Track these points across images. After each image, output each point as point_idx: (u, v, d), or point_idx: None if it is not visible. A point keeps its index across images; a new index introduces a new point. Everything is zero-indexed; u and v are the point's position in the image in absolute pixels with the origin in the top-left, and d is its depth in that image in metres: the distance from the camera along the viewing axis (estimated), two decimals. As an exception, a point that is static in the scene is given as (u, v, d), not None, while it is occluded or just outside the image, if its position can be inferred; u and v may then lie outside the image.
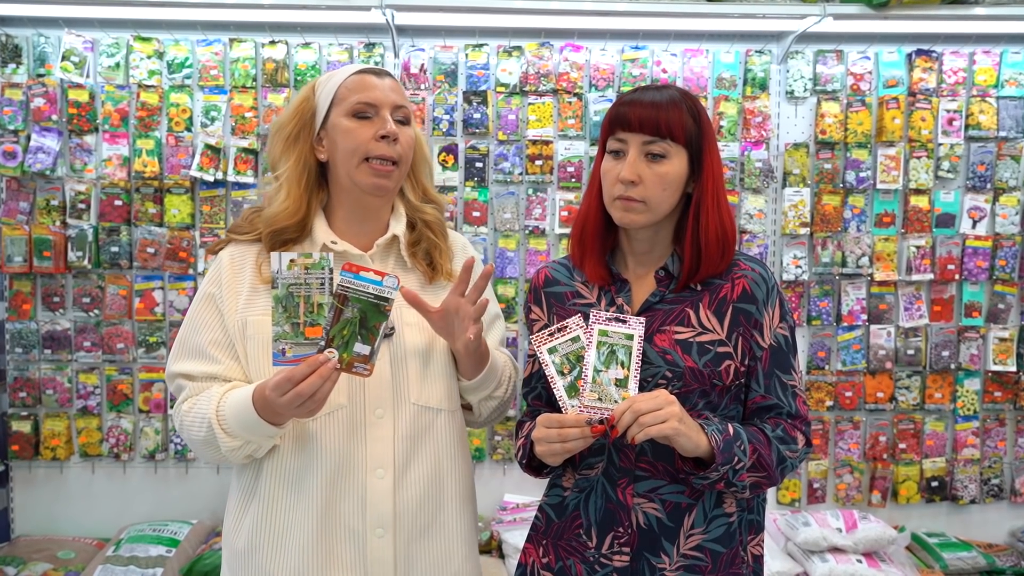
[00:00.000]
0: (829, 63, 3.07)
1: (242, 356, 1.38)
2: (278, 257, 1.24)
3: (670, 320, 1.33)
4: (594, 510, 1.35)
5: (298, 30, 2.96)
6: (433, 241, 1.47)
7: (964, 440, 3.17)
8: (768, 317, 1.34)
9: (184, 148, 2.96)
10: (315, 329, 1.23)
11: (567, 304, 1.42)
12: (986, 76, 3.09)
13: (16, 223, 2.93)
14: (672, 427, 1.18)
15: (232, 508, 1.43)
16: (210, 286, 1.41)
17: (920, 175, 3.09)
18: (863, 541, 2.85)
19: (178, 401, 1.41)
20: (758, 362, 1.34)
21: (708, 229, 1.32)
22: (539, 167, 3.03)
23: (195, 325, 1.41)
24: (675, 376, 1.29)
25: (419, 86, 3.02)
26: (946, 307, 3.15)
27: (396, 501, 1.36)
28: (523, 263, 3.07)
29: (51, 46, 2.95)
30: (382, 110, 1.37)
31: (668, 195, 1.32)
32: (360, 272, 1.23)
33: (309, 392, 1.18)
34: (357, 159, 1.36)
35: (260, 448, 1.34)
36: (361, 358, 1.23)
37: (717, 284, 1.35)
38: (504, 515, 3.00)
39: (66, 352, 2.99)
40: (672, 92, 1.33)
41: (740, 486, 1.28)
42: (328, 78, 1.42)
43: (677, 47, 3.05)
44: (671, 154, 1.30)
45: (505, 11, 2.80)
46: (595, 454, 1.36)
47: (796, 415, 1.36)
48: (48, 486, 3.07)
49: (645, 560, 1.32)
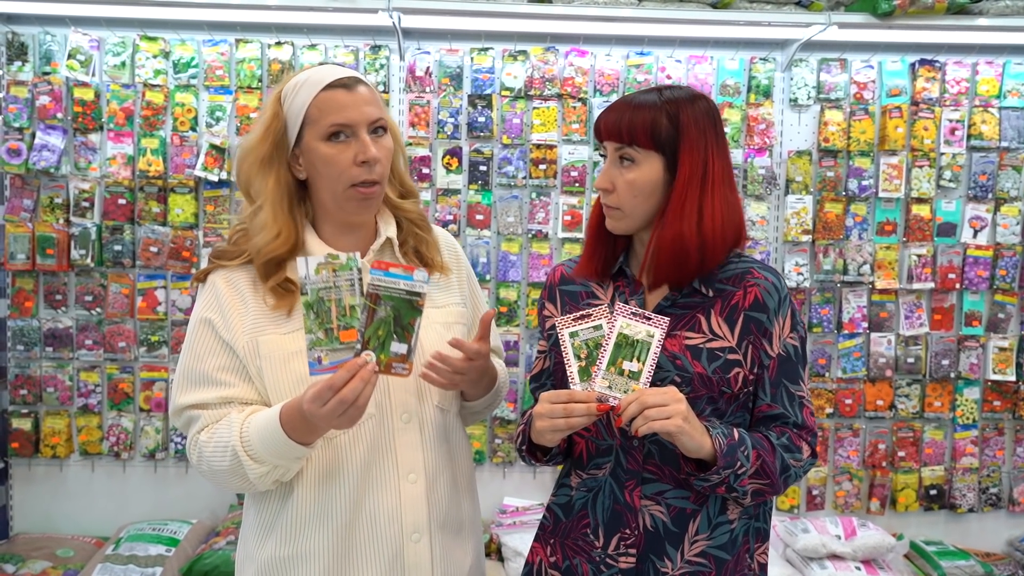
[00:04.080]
0: (833, 71, 3.09)
1: (256, 378, 1.33)
2: (304, 262, 1.19)
3: (681, 325, 1.33)
4: (602, 510, 1.35)
5: (304, 31, 2.97)
6: (420, 236, 1.46)
7: (963, 449, 3.18)
8: (778, 327, 1.33)
9: (189, 148, 2.97)
10: (349, 332, 1.19)
11: (581, 303, 1.42)
12: (988, 86, 3.10)
13: (20, 220, 2.93)
14: (676, 424, 1.18)
15: (254, 519, 1.39)
16: (207, 312, 1.35)
17: (922, 184, 3.10)
18: (862, 548, 2.85)
19: (192, 432, 1.34)
20: (765, 371, 1.33)
21: (663, 236, 1.29)
22: (543, 171, 3.03)
23: (197, 354, 1.34)
24: (684, 381, 1.29)
25: (424, 89, 3.02)
26: (946, 316, 3.16)
27: (430, 504, 1.37)
28: (526, 267, 3.08)
29: (57, 44, 2.95)
30: (359, 130, 1.31)
31: (641, 201, 1.31)
32: (390, 269, 1.19)
33: (352, 398, 1.14)
34: (341, 186, 1.32)
35: (288, 471, 1.30)
36: (399, 357, 1.19)
37: (730, 291, 1.34)
38: (504, 518, 3.00)
39: (67, 350, 2.99)
40: (651, 96, 1.31)
41: (741, 492, 1.27)
42: (294, 90, 1.33)
43: (682, 53, 3.06)
44: (639, 160, 1.30)
45: (511, 15, 2.81)
46: (603, 455, 1.36)
47: (802, 426, 1.34)
48: (48, 484, 3.07)
49: (650, 563, 1.32)
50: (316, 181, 1.34)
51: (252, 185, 1.35)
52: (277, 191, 1.33)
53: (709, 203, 1.30)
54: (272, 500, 1.36)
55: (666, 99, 1.31)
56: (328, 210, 1.37)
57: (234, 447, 1.26)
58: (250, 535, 1.40)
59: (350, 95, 1.32)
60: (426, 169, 3.03)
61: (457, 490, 1.44)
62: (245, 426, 1.27)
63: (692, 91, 1.35)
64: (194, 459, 1.34)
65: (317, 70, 1.34)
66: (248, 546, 1.40)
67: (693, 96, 1.33)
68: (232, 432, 1.27)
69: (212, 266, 1.39)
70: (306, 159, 1.34)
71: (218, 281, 1.36)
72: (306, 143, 1.32)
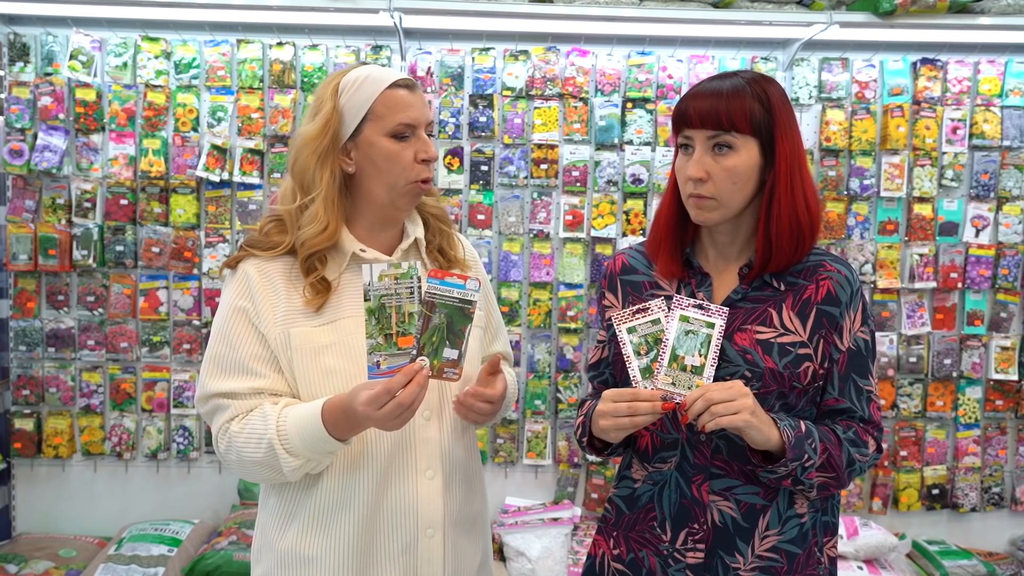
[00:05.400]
0: (834, 71, 3.08)
1: (286, 369, 1.35)
2: (369, 270, 1.23)
3: (752, 319, 1.30)
4: (668, 504, 1.34)
5: (306, 32, 2.97)
6: (444, 232, 1.50)
7: (965, 448, 3.18)
8: (849, 320, 1.30)
9: (190, 148, 2.97)
10: (407, 339, 1.23)
11: (644, 294, 1.39)
12: (990, 85, 3.10)
13: (22, 221, 2.94)
14: (744, 419, 1.16)
15: (274, 508, 1.41)
16: (240, 300, 1.36)
17: (924, 183, 3.09)
18: (864, 548, 2.86)
19: (221, 421, 1.34)
20: (835, 365, 1.31)
21: (780, 219, 1.27)
22: (544, 171, 3.03)
23: (231, 341, 1.35)
24: (754, 376, 1.27)
25: (426, 89, 3.02)
26: (948, 315, 3.16)
27: (445, 501, 1.40)
28: (527, 267, 3.08)
29: (59, 45, 2.95)
30: (419, 129, 1.37)
31: (739, 188, 1.27)
32: (445, 278, 1.24)
33: (409, 401, 1.19)
34: (402, 181, 1.36)
35: (320, 465, 1.33)
36: (451, 363, 1.24)
37: (802, 285, 1.31)
38: (506, 518, 3.00)
39: (70, 350, 2.99)
40: (736, 80, 1.27)
41: (808, 484, 1.25)
42: (354, 85, 1.35)
43: (683, 53, 3.06)
44: (738, 146, 1.26)
45: (512, 15, 2.81)
46: (668, 448, 1.34)
47: (869, 420, 1.33)
48: (50, 484, 3.07)
49: (719, 558, 1.30)
50: (371, 175, 1.37)
51: (307, 176, 1.36)
52: (332, 187, 1.35)
53: (809, 182, 1.30)
54: (295, 489, 1.38)
55: (751, 80, 1.28)
56: (373, 202, 1.39)
57: (270, 439, 1.28)
58: (269, 524, 1.41)
59: (414, 95, 1.37)
60: (427, 169, 3.03)
61: (471, 488, 1.47)
62: (281, 420, 1.29)
63: (764, 74, 1.33)
64: (223, 447, 1.35)
65: (372, 68, 1.37)
66: (268, 535, 1.41)
67: (768, 78, 1.31)
68: (268, 424, 1.29)
69: (244, 253, 1.40)
70: (362, 153, 1.36)
71: (250, 270, 1.37)
72: (366, 137, 1.35)
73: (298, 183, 1.38)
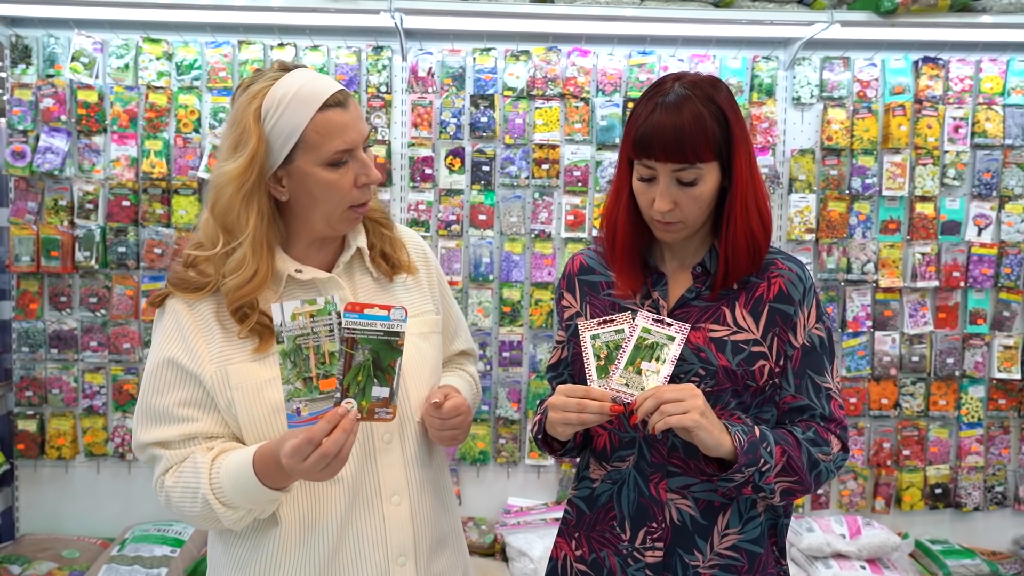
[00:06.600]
0: (836, 70, 3.08)
1: (226, 410, 1.24)
2: (280, 309, 1.11)
3: (705, 318, 1.31)
4: (627, 503, 1.34)
5: (307, 33, 2.97)
6: (385, 235, 1.40)
7: (968, 447, 3.17)
8: (803, 317, 1.31)
9: (192, 149, 2.97)
10: (328, 381, 1.13)
11: (601, 294, 1.40)
12: (992, 84, 3.09)
13: (24, 223, 2.94)
14: (692, 419, 1.15)
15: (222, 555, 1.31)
16: (168, 346, 1.25)
17: (926, 182, 3.09)
18: (867, 547, 2.85)
19: (157, 474, 1.26)
20: (789, 361, 1.31)
21: (736, 238, 1.28)
22: (545, 171, 3.03)
23: (157, 388, 1.25)
24: (708, 374, 1.28)
25: (426, 89, 3.02)
26: (951, 314, 3.15)
27: (415, 526, 1.32)
28: (528, 267, 3.08)
29: (61, 47, 2.96)
30: (357, 151, 1.25)
31: (704, 210, 1.28)
32: (364, 310, 1.13)
33: (334, 450, 1.08)
34: (340, 209, 1.26)
35: (264, 512, 1.24)
36: (381, 402, 1.14)
37: (753, 283, 1.32)
38: (508, 518, 3.00)
39: (72, 352, 3.00)
40: (692, 106, 1.22)
41: (768, 490, 1.24)
42: (279, 109, 1.20)
43: (684, 52, 3.06)
44: (703, 174, 1.25)
45: (513, 15, 2.81)
46: (626, 447, 1.34)
47: (830, 418, 1.32)
48: (53, 485, 3.08)
49: (678, 557, 1.31)
50: (307, 204, 1.26)
51: (231, 218, 1.22)
52: (259, 226, 1.22)
53: (761, 194, 1.30)
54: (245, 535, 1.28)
55: (704, 99, 1.24)
56: (310, 227, 1.29)
57: (204, 495, 1.19)
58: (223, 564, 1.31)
59: (346, 114, 1.24)
60: (429, 170, 3.03)
61: (442, 504, 1.40)
62: (214, 471, 1.20)
63: (711, 78, 1.30)
64: (162, 501, 1.26)
65: (299, 84, 1.22)
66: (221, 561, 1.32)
67: (715, 82, 1.28)
68: (200, 478, 1.20)
69: (169, 291, 1.28)
70: (296, 183, 1.24)
71: (179, 307, 1.26)
72: (298, 167, 1.22)
73: (221, 225, 1.23)
